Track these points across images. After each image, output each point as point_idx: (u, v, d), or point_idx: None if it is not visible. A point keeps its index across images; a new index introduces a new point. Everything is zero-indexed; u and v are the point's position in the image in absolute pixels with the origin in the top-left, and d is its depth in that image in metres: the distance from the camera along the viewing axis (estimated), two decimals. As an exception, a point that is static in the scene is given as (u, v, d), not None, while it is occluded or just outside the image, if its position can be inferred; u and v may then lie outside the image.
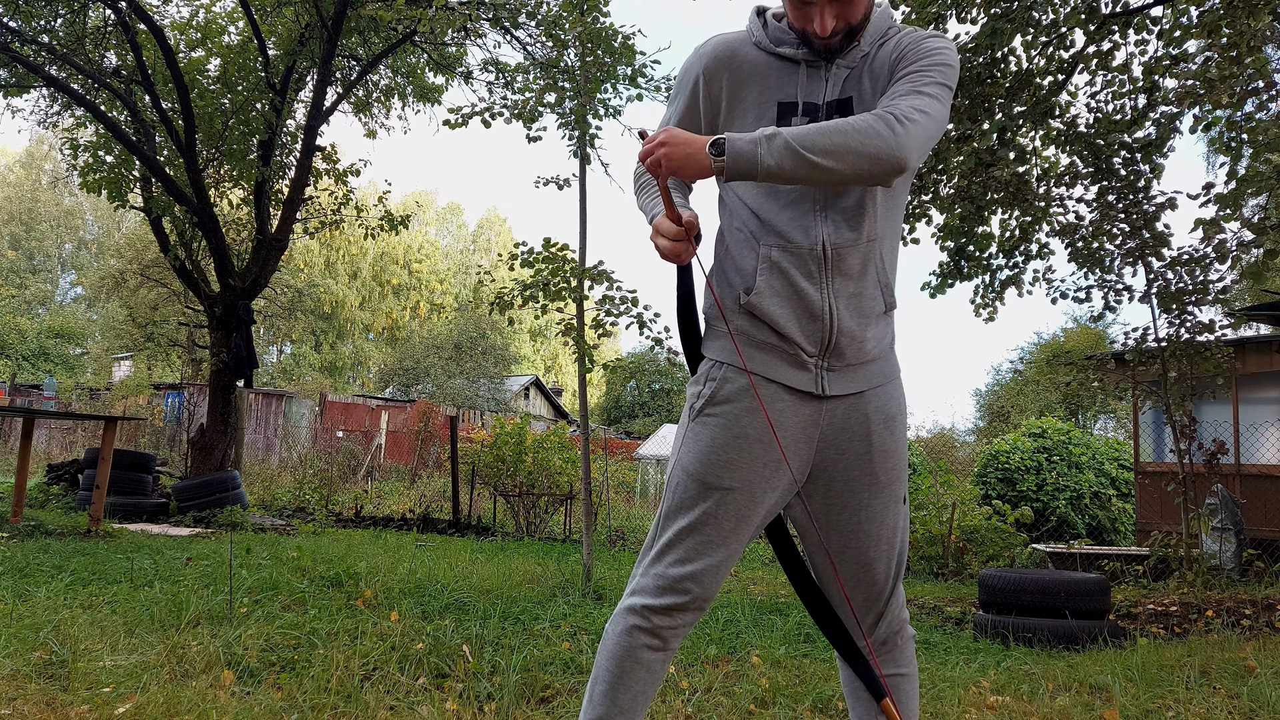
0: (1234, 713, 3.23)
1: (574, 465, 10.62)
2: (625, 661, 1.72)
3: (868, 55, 1.76)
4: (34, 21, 10.64)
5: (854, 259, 1.72)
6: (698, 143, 1.60)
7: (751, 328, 1.75)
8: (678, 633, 1.75)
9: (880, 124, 1.58)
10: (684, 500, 1.75)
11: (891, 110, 1.61)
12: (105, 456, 7.68)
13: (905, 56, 1.73)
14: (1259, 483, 9.06)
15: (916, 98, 1.64)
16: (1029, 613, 4.69)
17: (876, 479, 1.76)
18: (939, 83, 1.68)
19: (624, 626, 1.73)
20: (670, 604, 1.71)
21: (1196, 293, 6.78)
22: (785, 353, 1.74)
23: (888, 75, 1.73)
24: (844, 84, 1.75)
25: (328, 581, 4.86)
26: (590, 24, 5.63)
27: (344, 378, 47.04)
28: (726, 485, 1.72)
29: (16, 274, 45.60)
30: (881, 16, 1.79)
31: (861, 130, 1.57)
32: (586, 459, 5.95)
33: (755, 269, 1.74)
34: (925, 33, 1.77)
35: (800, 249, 1.71)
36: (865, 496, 1.76)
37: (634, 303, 5.66)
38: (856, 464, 1.76)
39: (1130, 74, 6.84)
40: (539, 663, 3.41)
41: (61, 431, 18.41)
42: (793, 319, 1.72)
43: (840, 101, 1.73)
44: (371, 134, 12.87)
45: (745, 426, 1.73)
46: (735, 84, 1.78)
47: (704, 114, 1.82)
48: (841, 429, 1.76)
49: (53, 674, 2.96)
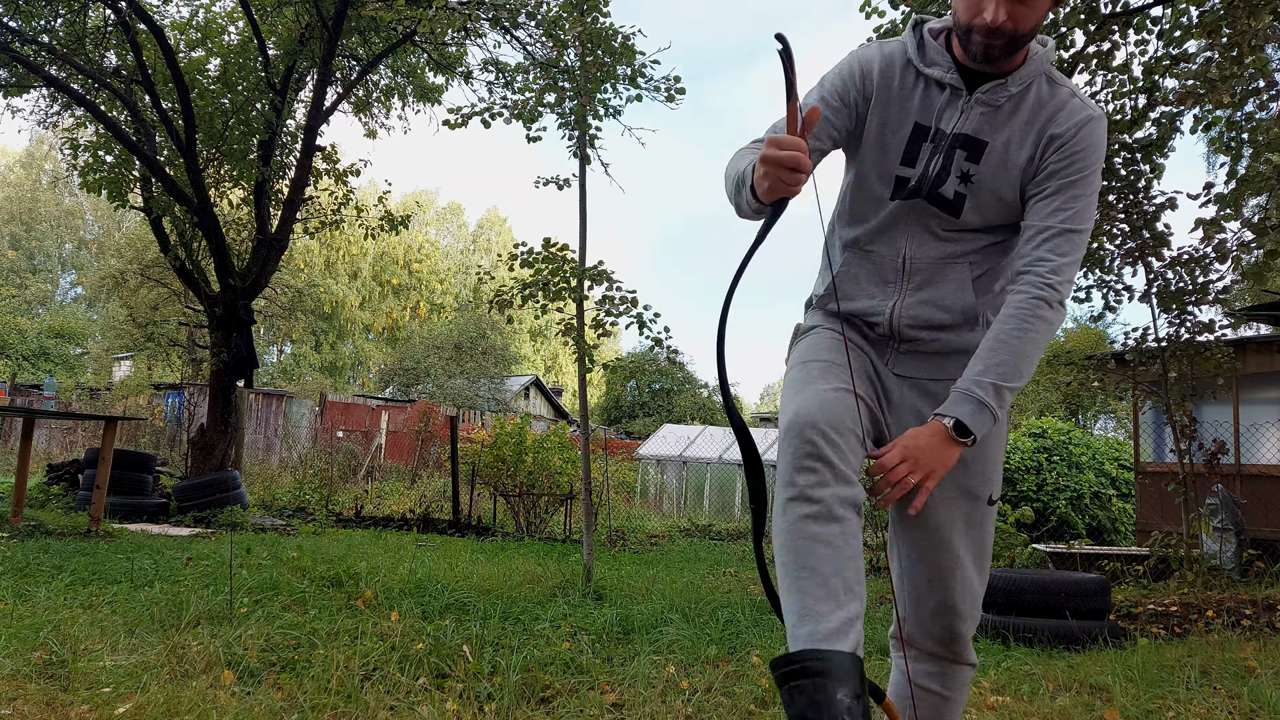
0: (1234, 713, 3.23)
1: (574, 465, 10.62)
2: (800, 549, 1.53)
3: (1012, 97, 1.74)
4: (34, 21, 10.64)
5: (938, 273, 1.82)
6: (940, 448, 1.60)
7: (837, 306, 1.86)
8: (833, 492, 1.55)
9: (1049, 315, 1.68)
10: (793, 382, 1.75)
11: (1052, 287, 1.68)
12: (105, 456, 7.68)
13: (1067, 151, 1.71)
14: (1259, 483, 9.06)
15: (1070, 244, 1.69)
16: (1029, 613, 4.69)
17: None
18: (1091, 206, 1.73)
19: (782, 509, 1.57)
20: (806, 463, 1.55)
21: (1196, 293, 6.78)
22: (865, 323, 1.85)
23: (1036, 141, 1.73)
24: (979, 122, 1.74)
25: (328, 581, 4.86)
26: (590, 24, 5.63)
27: (344, 378, 47.04)
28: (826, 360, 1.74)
29: (16, 274, 45.59)
30: (1040, 60, 1.76)
31: (1043, 333, 1.67)
32: (586, 459, 5.95)
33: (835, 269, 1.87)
34: (1085, 108, 1.74)
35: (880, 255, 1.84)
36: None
37: (634, 302, 5.67)
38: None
39: (1130, 74, 6.83)
40: (539, 663, 3.40)
41: (61, 431, 18.41)
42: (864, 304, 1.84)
43: (969, 139, 1.74)
44: (371, 134, 12.88)
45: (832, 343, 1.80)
46: (883, 95, 1.79)
47: (845, 113, 1.81)
48: (914, 410, 1.81)
49: (53, 674, 2.95)
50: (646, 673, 3.41)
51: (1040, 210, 1.71)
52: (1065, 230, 1.69)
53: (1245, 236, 6.34)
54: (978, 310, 1.81)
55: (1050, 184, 1.71)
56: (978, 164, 1.73)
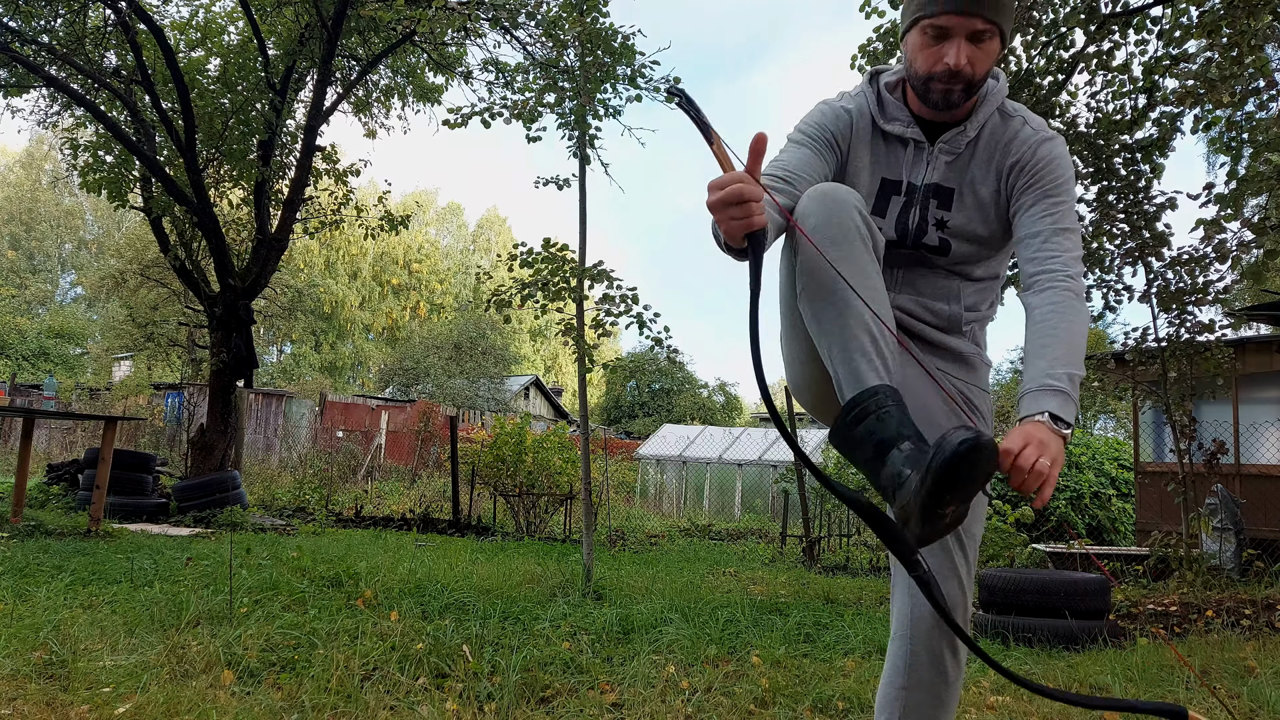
0: (1234, 713, 3.23)
1: (574, 465, 10.62)
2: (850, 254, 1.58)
3: (972, 141, 1.79)
4: (34, 21, 10.64)
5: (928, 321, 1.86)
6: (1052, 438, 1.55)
7: None
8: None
9: (1079, 306, 1.69)
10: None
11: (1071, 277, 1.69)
12: (105, 456, 7.68)
13: (1028, 171, 1.77)
14: (1259, 483, 9.06)
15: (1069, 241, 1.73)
16: (1029, 613, 4.69)
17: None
18: (1073, 212, 1.77)
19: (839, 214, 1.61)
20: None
21: (1196, 293, 6.78)
22: None
23: (997, 175, 1.79)
24: (945, 170, 1.79)
25: (328, 581, 4.86)
26: (590, 24, 5.63)
27: (344, 378, 47.03)
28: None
29: (16, 274, 45.59)
30: (993, 97, 1.81)
31: (1082, 322, 1.68)
32: (586, 459, 5.95)
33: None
34: (1038, 133, 1.79)
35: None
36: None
37: (634, 301, 5.66)
38: None
39: (1130, 74, 6.84)
40: (539, 663, 3.40)
41: (61, 431, 18.41)
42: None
43: (939, 188, 1.79)
44: (371, 134, 12.88)
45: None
46: (856, 149, 1.83)
47: (830, 150, 1.82)
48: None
49: (53, 674, 2.96)
50: (646, 672, 3.41)
51: (1027, 221, 1.75)
52: (1058, 229, 1.73)
53: (1245, 236, 6.34)
54: (962, 321, 1.85)
55: (1026, 198, 1.76)
56: (950, 210, 1.79)
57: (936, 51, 1.68)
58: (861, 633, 4.53)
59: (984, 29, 1.66)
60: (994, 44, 1.69)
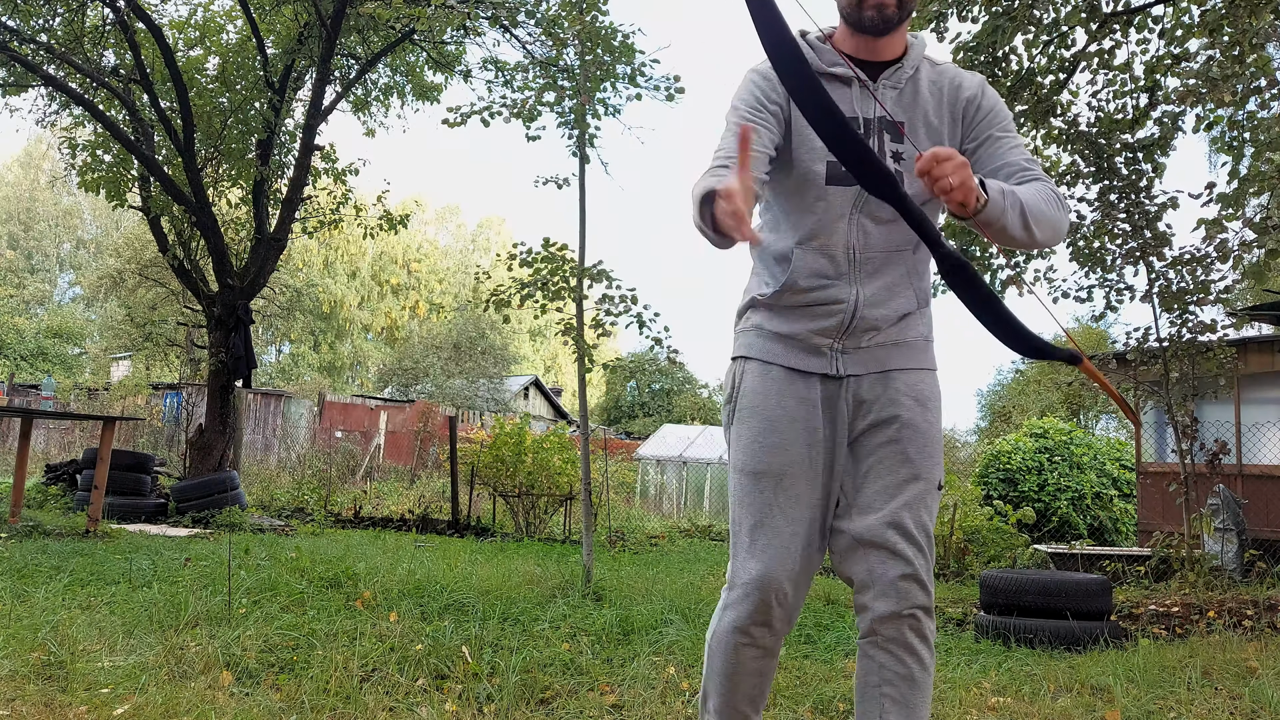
0: (1236, 714, 3.22)
1: (574, 465, 10.60)
2: (738, 675, 1.89)
3: (912, 78, 1.88)
4: (32, 20, 10.62)
5: (881, 259, 1.87)
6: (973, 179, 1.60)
7: (771, 322, 1.92)
8: (778, 637, 1.89)
9: (1060, 203, 1.78)
10: (746, 497, 1.87)
11: (1052, 185, 1.81)
12: (103, 457, 7.66)
13: (984, 109, 1.89)
14: (1261, 483, 9.05)
15: (1039, 168, 1.84)
16: (1030, 614, 4.68)
17: (907, 455, 1.85)
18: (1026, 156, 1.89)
19: (729, 646, 1.88)
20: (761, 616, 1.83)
21: (1198, 292, 6.76)
22: (799, 341, 1.89)
23: (950, 107, 1.89)
24: (892, 105, 1.86)
25: (326, 582, 4.84)
26: (589, 23, 5.61)
27: (343, 378, 47.01)
28: (777, 470, 1.84)
29: (15, 274, 45.55)
30: (919, 46, 1.93)
31: (1058, 207, 1.77)
32: (586, 459, 5.93)
33: (790, 265, 1.87)
34: (976, 78, 1.94)
35: (833, 249, 1.86)
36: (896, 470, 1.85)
37: (633, 301, 5.65)
38: (888, 438, 1.86)
39: (1132, 73, 6.83)
40: (538, 664, 3.39)
41: (60, 431, 18.39)
42: (805, 307, 1.88)
43: (889, 122, 1.85)
44: (370, 133, 12.86)
45: (775, 410, 1.87)
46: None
47: (773, 120, 1.85)
48: (870, 403, 1.89)
49: (51, 675, 2.94)
50: (646, 674, 3.39)
51: (998, 154, 1.86)
52: (1029, 160, 1.85)
53: (1247, 236, 6.33)
54: (918, 296, 1.92)
55: (990, 133, 1.88)
56: (902, 144, 1.85)
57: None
58: (862, 633, 4.52)
59: None
60: None
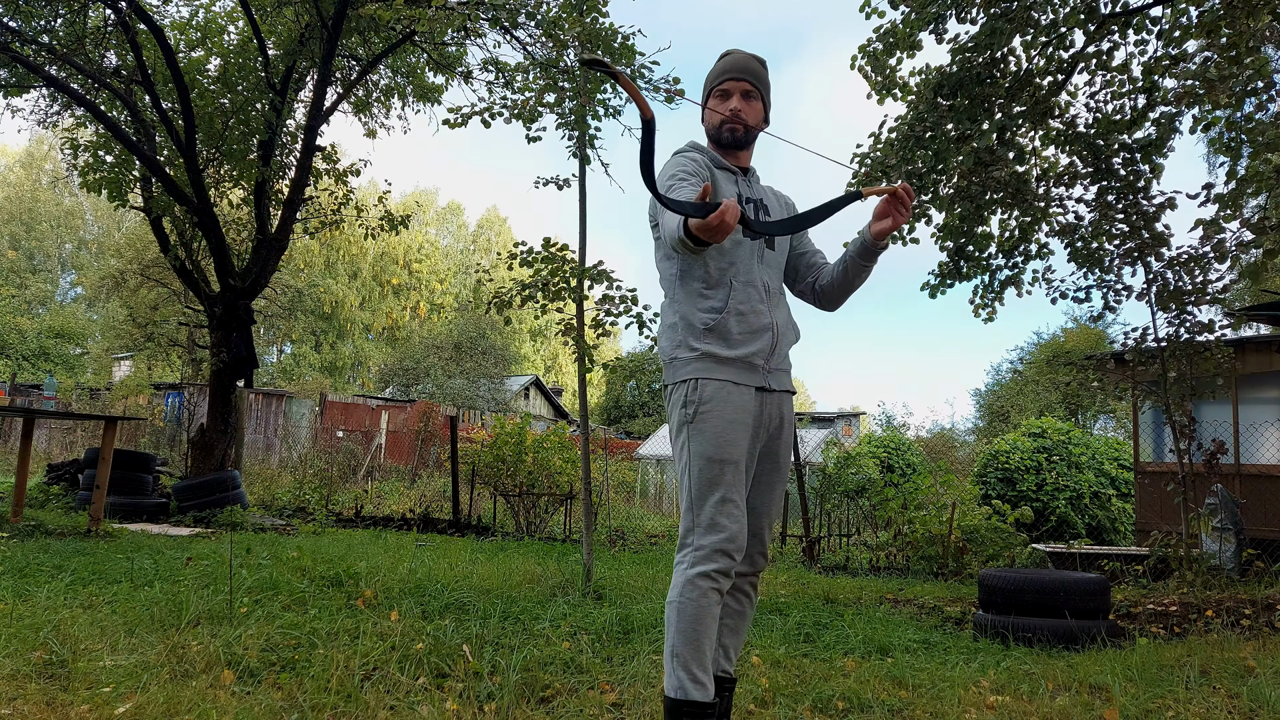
0: (1234, 713, 3.24)
1: (574, 465, 10.62)
2: (704, 618, 2.33)
3: (757, 180, 2.70)
4: (34, 21, 10.63)
5: (779, 295, 2.62)
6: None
7: (716, 346, 2.44)
8: (731, 580, 2.42)
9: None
10: (713, 478, 2.38)
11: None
12: (105, 456, 7.68)
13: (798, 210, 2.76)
14: (1259, 483, 9.06)
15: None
16: (1029, 612, 4.69)
17: (779, 463, 2.60)
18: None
19: (699, 590, 2.34)
20: (727, 566, 2.36)
21: (1196, 293, 6.77)
22: (742, 361, 2.46)
23: (782, 206, 2.73)
24: (758, 192, 2.66)
25: (328, 581, 4.86)
26: (590, 24, 5.63)
27: (344, 378, 47.02)
28: (734, 458, 2.40)
29: (16, 274, 45.58)
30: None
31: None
32: (586, 459, 5.95)
33: (727, 297, 2.46)
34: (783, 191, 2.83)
35: (754, 283, 2.51)
36: (773, 474, 2.59)
37: (633, 301, 5.66)
38: (776, 448, 2.58)
39: (1130, 74, 6.83)
40: (539, 663, 3.41)
41: (61, 431, 18.42)
42: (750, 332, 2.47)
43: (759, 204, 2.64)
44: (371, 134, 12.87)
45: (729, 414, 2.43)
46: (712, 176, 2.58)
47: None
48: (773, 417, 2.55)
49: (53, 674, 2.96)
50: (646, 672, 3.41)
51: (808, 244, 2.75)
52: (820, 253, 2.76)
53: (1244, 236, 6.34)
54: (795, 329, 2.64)
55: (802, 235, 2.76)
56: (768, 213, 2.66)
57: (724, 104, 2.58)
58: (861, 633, 4.54)
59: (750, 89, 2.59)
60: (758, 104, 2.60)
